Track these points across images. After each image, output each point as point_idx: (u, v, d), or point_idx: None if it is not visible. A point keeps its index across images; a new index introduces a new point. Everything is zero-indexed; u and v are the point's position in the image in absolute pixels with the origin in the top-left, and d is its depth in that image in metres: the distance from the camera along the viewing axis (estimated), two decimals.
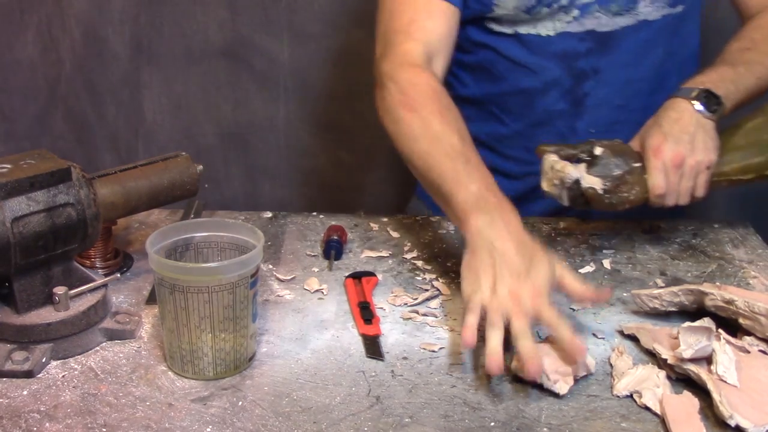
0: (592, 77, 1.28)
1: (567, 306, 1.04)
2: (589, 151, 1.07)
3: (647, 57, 1.28)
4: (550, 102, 1.29)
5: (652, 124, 1.10)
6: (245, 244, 0.92)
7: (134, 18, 1.95)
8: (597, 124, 1.29)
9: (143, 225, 1.24)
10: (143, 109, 2.03)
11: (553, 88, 1.28)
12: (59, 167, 0.90)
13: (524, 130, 1.32)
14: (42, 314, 0.91)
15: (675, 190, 1.07)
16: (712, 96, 1.10)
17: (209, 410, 0.83)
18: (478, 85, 1.34)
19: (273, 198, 2.11)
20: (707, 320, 0.92)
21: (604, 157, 1.07)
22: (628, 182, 1.06)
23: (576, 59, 1.27)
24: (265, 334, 0.97)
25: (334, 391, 0.86)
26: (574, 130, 1.30)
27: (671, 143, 1.06)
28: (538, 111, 1.30)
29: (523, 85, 1.30)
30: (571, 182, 1.06)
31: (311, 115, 1.97)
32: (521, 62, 1.28)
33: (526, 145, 1.27)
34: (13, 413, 0.82)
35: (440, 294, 1.06)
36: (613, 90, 1.29)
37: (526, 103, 1.30)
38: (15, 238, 0.86)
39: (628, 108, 1.30)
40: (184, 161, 1.05)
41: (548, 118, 1.30)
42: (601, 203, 1.06)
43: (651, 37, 1.27)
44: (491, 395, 0.86)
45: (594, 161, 1.07)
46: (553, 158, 1.08)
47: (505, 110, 1.33)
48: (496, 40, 1.28)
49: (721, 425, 0.81)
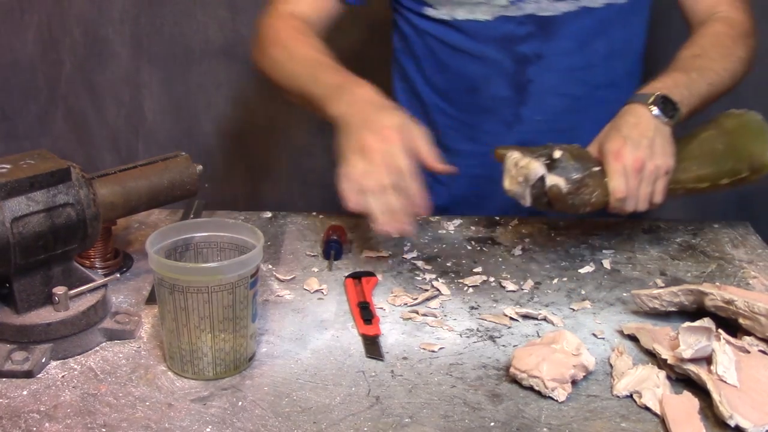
0: (535, 62, 1.29)
1: (567, 307, 1.04)
2: (548, 155, 1.06)
3: (590, 45, 1.29)
4: (495, 88, 1.31)
5: (610, 129, 1.10)
6: (245, 244, 0.92)
7: (134, 18, 1.95)
8: (542, 112, 1.31)
9: (143, 225, 1.24)
10: (143, 109, 2.03)
11: (497, 74, 1.30)
12: (59, 167, 0.90)
13: (470, 119, 1.34)
14: (42, 314, 0.91)
15: (635, 195, 1.06)
16: (669, 102, 1.10)
17: (209, 410, 0.83)
18: (435, 76, 1.36)
19: (273, 198, 2.11)
20: (707, 320, 0.92)
21: (563, 160, 1.05)
22: (589, 185, 1.05)
23: (516, 44, 1.28)
24: (265, 334, 0.97)
25: (334, 391, 0.86)
26: (519, 118, 1.31)
27: (631, 147, 1.05)
28: (483, 98, 1.32)
29: (466, 72, 1.32)
30: (535, 179, 1.04)
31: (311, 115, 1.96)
32: (462, 48, 1.30)
33: (471, 135, 1.28)
34: (12, 413, 0.82)
35: (440, 294, 1.06)
36: (557, 77, 1.30)
37: (471, 90, 1.32)
38: (15, 238, 0.86)
39: (573, 97, 1.31)
40: (184, 161, 1.05)
41: (493, 105, 1.32)
42: (563, 204, 1.05)
43: (593, 25, 1.28)
44: (491, 395, 0.86)
45: (553, 164, 1.05)
46: (517, 155, 1.06)
47: (452, 99, 1.35)
48: (436, 26, 1.31)
49: (721, 425, 0.81)
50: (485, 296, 1.06)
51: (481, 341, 0.96)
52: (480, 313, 1.02)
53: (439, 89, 1.36)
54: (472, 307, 1.04)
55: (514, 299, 1.06)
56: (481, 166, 1.27)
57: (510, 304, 1.04)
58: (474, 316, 1.01)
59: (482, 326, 0.99)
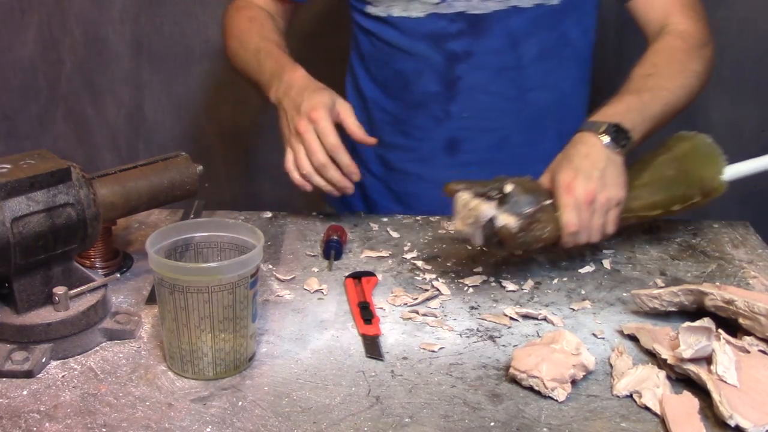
0: (465, 60, 1.30)
1: (567, 307, 1.04)
2: (499, 189, 1.05)
3: (521, 45, 1.29)
4: (425, 84, 1.33)
5: (561, 159, 1.08)
6: (245, 244, 0.92)
7: (134, 18, 1.95)
8: (471, 109, 1.32)
9: (143, 225, 1.24)
10: (143, 108, 2.03)
11: (427, 70, 1.32)
12: (59, 167, 0.90)
13: (403, 114, 1.36)
14: (42, 314, 0.91)
15: (587, 228, 1.05)
16: (621, 131, 1.08)
17: (209, 410, 0.83)
18: (376, 72, 1.39)
19: (273, 198, 2.11)
20: (707, 320, 0.92)
21: (515, 194, 1.04)
22: (540, 220, 1.03)
23: (447, 41, 1.29)
24: (265, 334, 0.97)
25: (333, 391, 0.86)
26: (448, 114, 1.33)
27: (582, 180, 1.04)
28: (414, 93, 1.34)
29: (400, 68, 1.34)
30: (485, 221, 1.02)
31: None
32: (397, 45, 1.33)
33: (403, 130, 1.29)
34: (12, 413, 0.82)
35: (440, 294, 1.06)
36: (486, 75, 1.31)
37: (404, 86, 1.34)
38: (15, 238, 0.86)
39: (504, 96, 1.32)
40: (183, 161, 1.05)
41: (423, 100, 1.34)
42: (514, 242, 1.03)
43: (523, 25, 1.28)
44: (491, 395, 0.86)
45: (504, 199, 1.04)
46: (466, 196, 1.04)
47: (389, 95, 1.37)
48: (375, 24, 1.34)
49: (721, 425, 0.81)
50: (485, 296, 1.06)
51: (481, 341, 0.96)
52: (480, 313, 1.02)
53: (377, 85, 1.39)
54: (472, 307, 1.04)
55: (514, 299, 1.06)
56: (411, 161, 1.29)
57: (510, 304, 1.04)
58: (474, 316, 1.01)
59: (482, 326, 0.99)
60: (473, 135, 1.33)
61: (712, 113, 1.91)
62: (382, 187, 1.42)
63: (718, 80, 1.89)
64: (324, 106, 1.14)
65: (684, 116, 1.95)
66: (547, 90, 1.33)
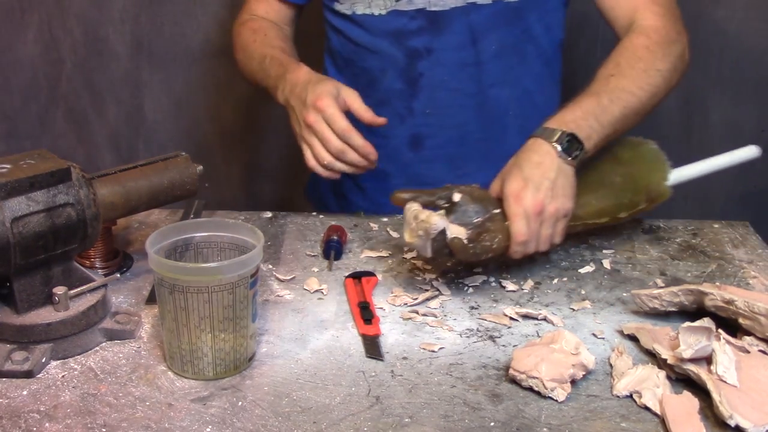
0: (426, 57, 1.31)
1: (567, 307, 1.04)
2: (447, 198, 1.04)
3: (480, 42, 1.30)
4: (389, 81, 1.34)
5: (512, 166, 1.07)
6: (245, 244, 0.92)
7: (134, 18, 1.95)
8: (433, 106, 1.33)
9: (143, 225, 1.24)
10: (143, 108, 2.03)
11: (391, 68, 1.33)
12: (59, 167, 0.90)
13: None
14: (42, 314, 0.91)
15: (535, 238, 1.04)
16: (575, 140, 1.07)
17: (209, 410, 0.83)
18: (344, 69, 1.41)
19: (273, 198, 2.11)
20: (707, 320, 0.92)
21: (463, 203, 1.04)
22: (489, 230, 1.03)
23: (408, 38, 1.31)
24: (265, 334, 0.97)
25: (333, 391, 0.86)
26: (411, 111, 1.34)
27: (532, 190, 1.03)
28: (380, 91, 1.35)
29: (365, 66, 1.36)
30: (436, 233, 1.01)
31: None
32: (360, 42, 1.35)
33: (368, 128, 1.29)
34: (12, 413, 0.82)
35: (440, 294, 1.06)
36: (447, 72, 1.32)
37: (369, 83, 1.35)
38: (15, 238, 0.86)
39: (464, 92, 1.33)
40: (183, 161, 1.05)
41: (387, 97, 1.35)
42: (465, 253, 1.02)
43: (482, 21, 1.29)
44: (491, 395, 0.86)
45: (452, 208, 1.04)
46: (416, 208, 1.03)
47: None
48: (342, 22, 1.36)
49: (721, 425, 0.81)
50: (485, 296, 1.06)
51: (481, 341, 0.96)
52: (480, 313, 1.02)
53: (347, 82, 1.38)
54: (472, 307, 1.04)
55: (514, 299, 1.06)
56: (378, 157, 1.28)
57: (510, 304, 1.04)
58: (474, 316, 1.01)
59: (482, 326, 0.99)
60: (436, 131, 1.35)
61: (712, 113, 1.91)
62: (352, 184, 1.43)
63: (718, 80, 1.90)
64: (328, 94, 1.16)
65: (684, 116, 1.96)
66: (508, 86, 1.33)
